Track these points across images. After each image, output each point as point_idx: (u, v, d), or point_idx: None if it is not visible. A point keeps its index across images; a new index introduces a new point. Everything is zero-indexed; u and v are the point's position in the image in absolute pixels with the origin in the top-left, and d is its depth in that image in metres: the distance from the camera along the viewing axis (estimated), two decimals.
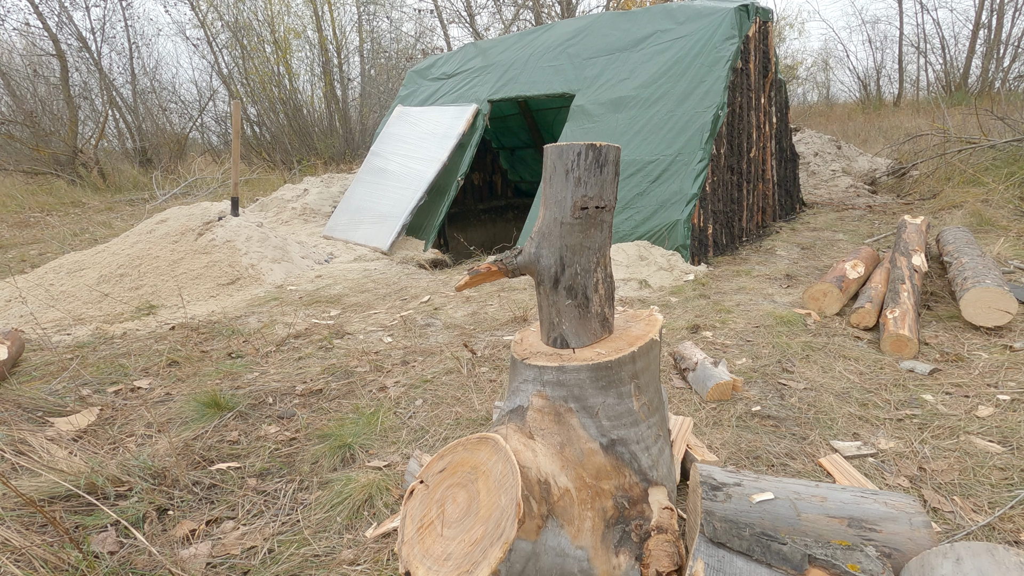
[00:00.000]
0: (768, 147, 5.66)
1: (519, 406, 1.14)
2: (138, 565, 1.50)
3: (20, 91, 12.70)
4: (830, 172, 8.21)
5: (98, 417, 2.39)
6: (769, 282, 3.89)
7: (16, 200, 9.55)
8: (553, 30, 6.26)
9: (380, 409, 2.32)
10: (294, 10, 14.99)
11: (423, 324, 3.44)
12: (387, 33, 16.93)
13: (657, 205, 4.56)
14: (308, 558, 1.53)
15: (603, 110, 5.19)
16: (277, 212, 7.12)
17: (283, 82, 14.28)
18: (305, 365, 2.89)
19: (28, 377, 2.85)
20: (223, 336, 3.39)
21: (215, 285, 4.49)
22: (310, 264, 5.22)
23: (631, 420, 1.13)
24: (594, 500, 1.06)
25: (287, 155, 13.81)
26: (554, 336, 1.23)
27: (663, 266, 4.18)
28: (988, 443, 1.84)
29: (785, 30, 18.84)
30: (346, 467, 1.96)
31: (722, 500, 1.29)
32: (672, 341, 2.87)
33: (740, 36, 4.84)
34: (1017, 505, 1.53)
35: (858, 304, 3.02)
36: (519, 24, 15.95)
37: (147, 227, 5.29)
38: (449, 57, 7.15)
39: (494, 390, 2.46)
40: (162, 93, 15.89)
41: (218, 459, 2.03)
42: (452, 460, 1.04)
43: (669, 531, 1.11)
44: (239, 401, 2.44)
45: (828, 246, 4.86)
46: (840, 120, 13.57)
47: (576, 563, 1.01)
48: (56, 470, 1.80)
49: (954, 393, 2.19)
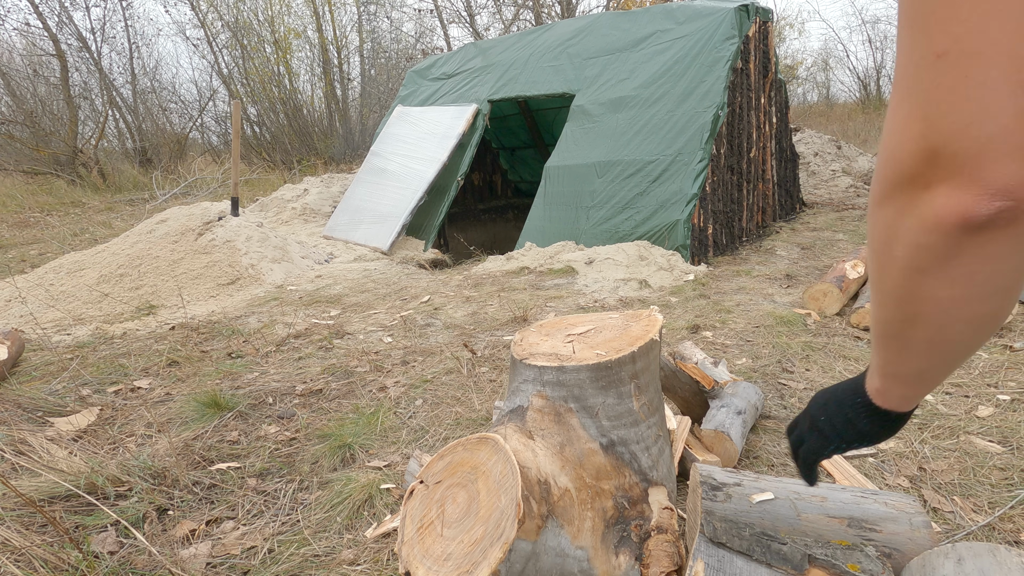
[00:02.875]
0: (768, 147, 5.66)
1: (519, 406, 1.14)
2: (138, 565, 1.50)
3: (20, 91, 12.70)
4: (830, 172, 8.21)
5: (98, 417, 2.39)
6: (769, 282, 3.89)
7: (16, 200, 9.55)
8: (553, 30, 6.26)
9: (380, 409, 2.32)
10: (294, 10, 15.01)
11: (423, 324, 3.44)
12: (387, 33, 16.94)
13: (657, 205, 4.56)
14: (308, 558, 1.53)
15: (603, 110, 5.19)
16: (277, 212, 7.12)
17: (283, 82, 14.28)
18: (305, 365, 2.89)
19: (28, 377, 2.85)
20: (223, 336, 3.39)
21: (215, 285, 4.49)
22: (310, 264, 5.22)
23: (631, 420, 1.13)
24: (594, 500, 1.06)
25: (287, 155, 13.81)
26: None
27: (663, 266, 4.18)
28: (988, 443, 1.84)
29: (785, 30, 18.85)
30: (346, 467, 1.96)
31: (722, 500, 1.29)
32: (672, 341, 2.87)
33: (740, 36, 4.84)
34: (1017, 505, 1.53)
35: (858, 304, 3.01)
36: (519, 24, 15.95)
37: (147, 227, 5.29)
38: (449, 57, 7.15)
39: (494, 390, 2.46)
40: (162, 93, 15.90)
41: (218, 459, 2.03)
42: (452, 460, 1.04)
43: (669, 531, 1.11)
44: (239, 401, 2.44)
45: (828, 246, 4.86)
46: (840, 120, 13.58)
47: (576, 563, 1.01)
48: (56, 470, 1.80)
49: (954, 393, 2.19)
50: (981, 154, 0.50)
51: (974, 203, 0.51)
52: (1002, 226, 0.52)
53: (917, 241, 0.58)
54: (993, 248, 0.54)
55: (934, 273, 0.59)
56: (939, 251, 0.57)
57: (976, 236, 0.53)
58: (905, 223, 0.58)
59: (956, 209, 0.53)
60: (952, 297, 0.59)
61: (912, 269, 0.60)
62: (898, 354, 0.71)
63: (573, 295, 3.81)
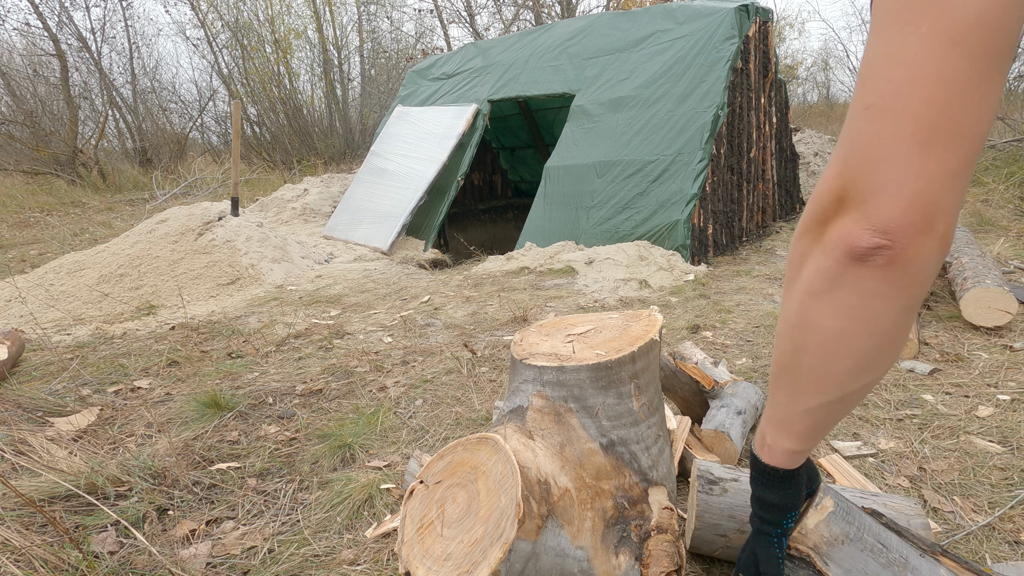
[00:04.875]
0: (768, 147, 5.66)
1: (519, 406, 1.14)
2: (138, 565, 1.50)
3: (20, 91, 12.70)
4: None
5: (98, 417, 2.39)
6: (769, 282, 3.89)
7: (16, 200, 9.55)
8: (553, 30, 6.26)
9: (380, 409, 2.32)
10: (294, 10, 15.01)
11: (423, 324, 3.44)
12: (387, 33, 16.95)
13: (657, 205, 4.56)
14: (308, 558, 1.53)
15: (603, 110, 5.19)
16: (277, 212, 7.12)
17: (283, 82, 14.28)
18: (305, 365, 2.89)
19: (28, 377, 2.85)
20: (223, 336, 3.39)
21: (215, 285, 4.49)
22: (310, 264, 5.22)
23: (631, 420, 1.13)
24: (594, 500, 1.06)
25: (287, 155, 13.81)
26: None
27: (663, 266, 4.18)
28: (988, 443, 1.84)
29: (785, 30, 18.84)
30: (346, 467, 1.96)
31: (718, 494, 1.29)
32: (672, 341, 2.87)
33: (740, 36, 4.84)
34: (1017, 505, 1.53)
35: None
36: (519, 24, 15.95)
37: (147, 227, 5.29)
38: (449, 57, 7.15)
39: (494, 390, 2.46)
40: (162, 93, 15.91)
41: (218, 459, 2.03)
42: (452, 460, 1.04)
43: (669, 531, 1.11)
44: (239, 401, 2.44)
45: None
46: (840, 120, 13.56)
47: (576, 563, 1.01)
48: (56, 470, 1.80)
49: (954, 393, 2.19)
50: (874, 196, 0.57)
51: (859, 235, 0.58)
52: (880, 265, 0.58)
53: (816, 265, 0.64)
54: (870, 285, 0.60)
55: (823, 298, 0.65)
56: (829, 275, 0.63)
57: (859, 268, 0.59)
58: (812, 251, 0.64)
59: (845, 238, 0.59)
60: (836, 328, 0.64)
61: (807, 293, 0.67)
62: (788, 390, 0.75)
63: (573, 295, 3.81)
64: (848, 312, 0.63)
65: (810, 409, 0.73)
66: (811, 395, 0.72)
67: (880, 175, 0.56)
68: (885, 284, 0.59)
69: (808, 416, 0.75)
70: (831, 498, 0.94)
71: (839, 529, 0.91)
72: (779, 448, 0.81)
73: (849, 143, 0.59)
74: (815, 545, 0.90)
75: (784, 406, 0.77)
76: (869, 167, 0.56)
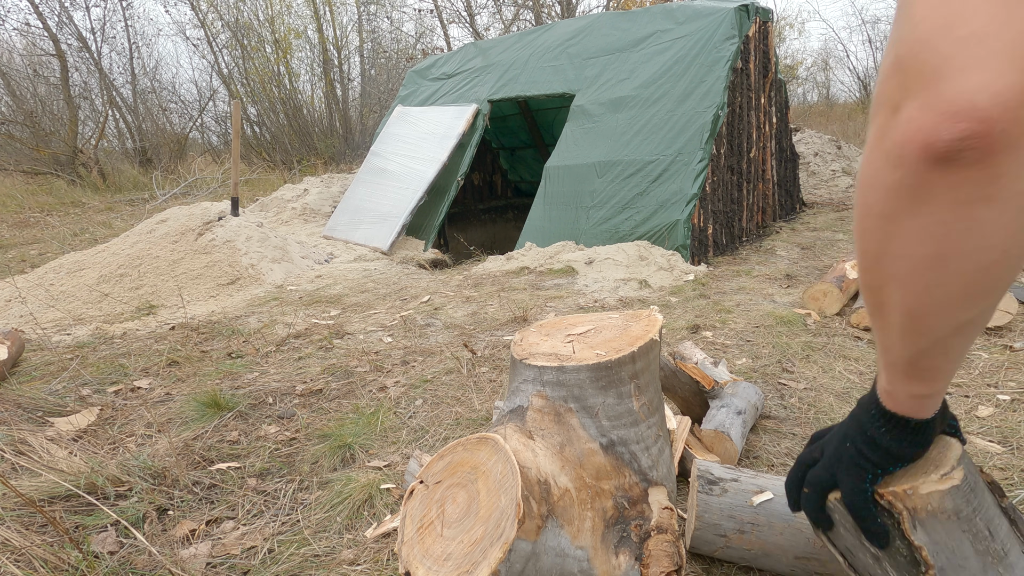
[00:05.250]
0: (768, 147, 5.67)
1: (519, 406, 1.14)
2: (138, 565, 1.50)
3: (20, 91, 12.70)
4: (830, 172, 8.21)
5: (98, 417, 2.39)
6: (769, 282, 3.89)
7: (16, 200, 9.55)
8: (553, 30, 6.26)
9: (380, 409, 2.32)
10: (294, 10, 15.00)
11: (423, 324, 3.44)
12: (387, 33, 16.95)
13: (657, 205, 4.56)
14: (308, 558, 1.53)
15: (603, 110, 5.19)
16: (277, 212, 7.12)
17: (283, 82, 14.28)
18: (305, 365, 2.89)
19: (28, 377, 2.85)
20: (223, 336, 3.39)
21: (215, 285, 4.49)
22: (310, 264, 5.22)
23: (631, 420, 1.13)
24: (594, 500, 1.06)
25: (287, 155, 13.81)
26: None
27: (663, 266, 4.18)
28: (988, 443, 1.84)
29: (785, 30, 18.84)
30: (346, 467, 1.96)
31: (718, 494, 1.29)
32: (672, 341, 2.87)
33: (740, 36, 4.84)
34: (1017, 505, 1.53)
35: (858, 304, 3.01)
36: (519, 24, 15.95)
37: (147, 227, 5.29)
38: (449, 57, 7.15)
39: (494, 390, 2.46)
40: (162, 93, 15.91)
41: (218, 459, 2.03)
42: (452, 460, 1.04)
43: (669, 531, 1.11)
44: (239, 401, 2.44)
45: (828, 246, 4.86)
46: (840, 120, 13.57)
47: (576, 563, 1.01)
48: (56, 470, 1.80)
49: (954, 393, 2.19)
50: (945, 64, 0.41)
51: (934, 126, 0.42)
52: (972, 162, 0.41)
53: (886, 181, 0.49)
54: (966, 192, 0.43)
55: (904, 223, 0.49)
56: (905, 191, 0.46)
57: (943, 172, 0.43)
58: (878, 160, 0.49)
59: (916, 135, 0.43)
60: (929, 255, 0.49)
61: (883, 217, 0.51)
62: (889, 333, 0.60)
63: (573, 295, 3.81)
64: (943, 233, 0.46)
65: (923, 350, 0.58)
66: (912, 336, 0.57)
67: (949, 34, 0.41)
68: (988, 184, 0.42)
69: (925, 357, 0.59)
70: (963, 470, 0.78)
71: (951, 505, 0.76)
72: (903, 393, 0.66)
73: (907, 15, 0.44)
74: (914, 508, 0.73)
75: (888, 348, 0.62)
76: (934, 29, 0.41)
